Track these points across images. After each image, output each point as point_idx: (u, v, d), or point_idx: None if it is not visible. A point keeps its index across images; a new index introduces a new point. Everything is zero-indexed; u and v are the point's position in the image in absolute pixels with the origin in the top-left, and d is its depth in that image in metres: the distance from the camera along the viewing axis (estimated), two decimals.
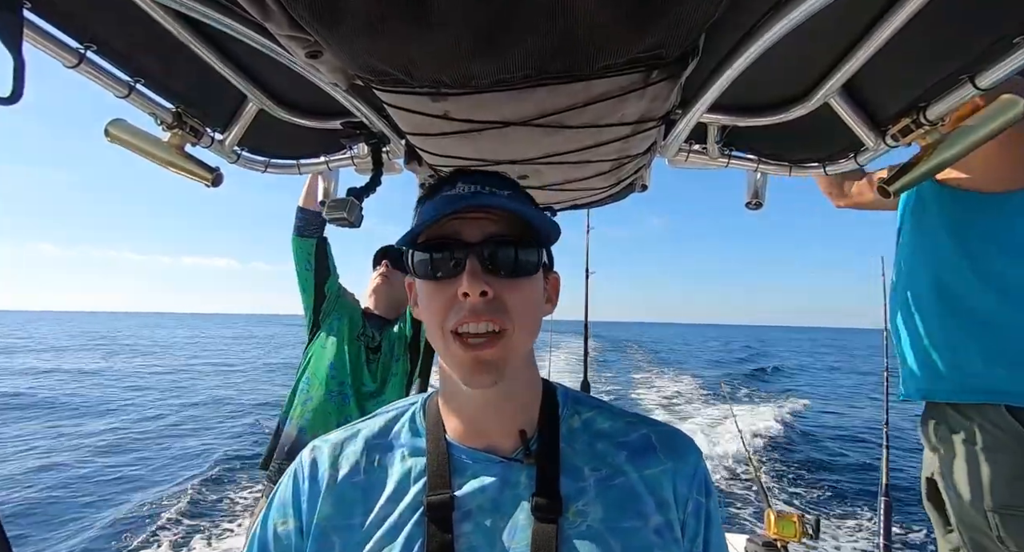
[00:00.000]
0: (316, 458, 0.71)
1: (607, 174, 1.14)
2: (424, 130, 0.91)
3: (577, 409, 0.74)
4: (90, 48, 0.93)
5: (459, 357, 0.62)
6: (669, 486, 0.66)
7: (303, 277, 2.34)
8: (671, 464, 0.68)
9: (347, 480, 0.68)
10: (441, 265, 0.63)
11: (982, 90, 0.86)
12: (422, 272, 0.65)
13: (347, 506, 0.66)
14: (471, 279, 0.60)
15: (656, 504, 0.65)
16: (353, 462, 0.70)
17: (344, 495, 0.67)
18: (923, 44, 0.86)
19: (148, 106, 1.12)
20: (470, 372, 0.62)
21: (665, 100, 0.79)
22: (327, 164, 1.52)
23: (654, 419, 0.76)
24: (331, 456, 0.71)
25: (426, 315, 0.66)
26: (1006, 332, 1.29)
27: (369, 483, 0.68)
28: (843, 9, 0.68)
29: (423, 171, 1.24)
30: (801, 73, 1.00)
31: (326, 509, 0.66)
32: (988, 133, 0.97)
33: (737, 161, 1.42)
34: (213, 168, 1.30)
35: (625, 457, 0.68)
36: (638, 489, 0.66)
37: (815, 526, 2.35)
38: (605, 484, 0.66)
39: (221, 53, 0.97)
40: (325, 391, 2.22)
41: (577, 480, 0.66)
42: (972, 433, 1.31)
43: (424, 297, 0.66)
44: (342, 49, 0.65)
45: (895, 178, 1.11)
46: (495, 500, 0.64)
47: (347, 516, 0.65)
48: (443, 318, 0.62)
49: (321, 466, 0.70)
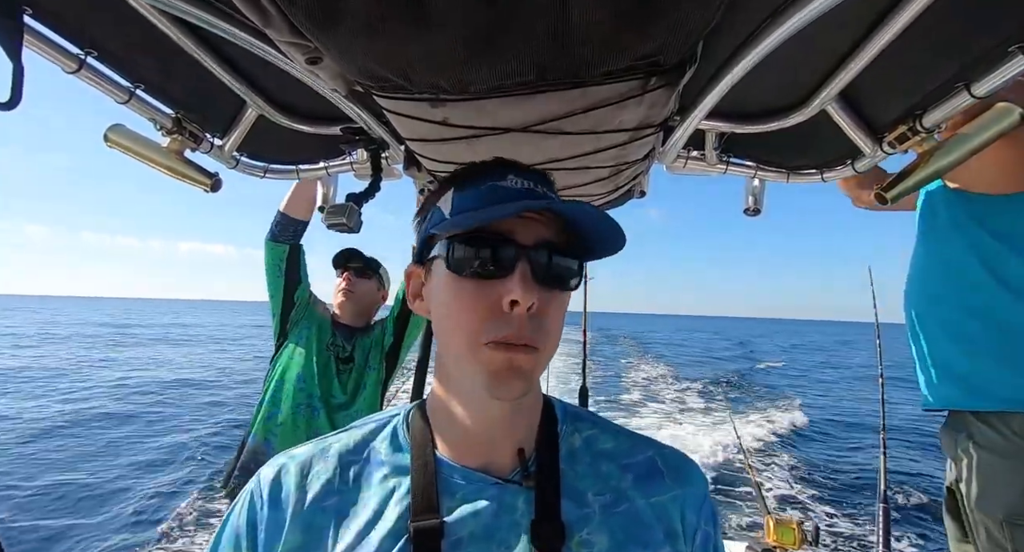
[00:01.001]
0: (280, 478, 0.61)
1: (605, 180, 1.14)
2: (423, 136, 0.91)
3: (577, 426, 0.68)
4: (90, 54, 0.93)
5: (493, 363, 0.55)
6: (677, 515, 0.62)
7: (273, 284, 2.28)
8: (679, 491, 0.64)
9: (317, 503, 0.59)
10: (487, 263, 0.56)
11: (978, 98, 0.87)
12: (459, 267, 0.57)
13: (316, 533, 0.57)
14: (525, 287, 0.54)
15: (664, 534, 0.60)
16: (324, 481, 0.61)
17: (313, 521, 0.58)
18: (919, 52, 0.86)
19: (148, 111, 1.12)
20: (504, 378, 0.55)
21: (663, 107, 0.80)
22: (326, 170, 1.52)
23: (656, 440, 0.70)
24: (298, 475, 0.61)
25: (453, 316, 0.58)
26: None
27: (343, 506, 0.59)
28: (840, 17, 0.69)
29: (422, 177, 1.24)
30: (798, 80, 1.00)
31: (293, 538, 0.57)
32: (984, 141, 0.97)
33: (735, 168, 1.43)
34: (212, 173, 1.31)
35: (631, 481, 0.63)
36: (645, 517, 0.61)
37: (814, 533, 2.34)
38: (610, 510, 0.60)
39: (221, 59, 0.97)
40: (293, 404, 2.13)
41: (580, 505, 0.60)
42: (993, 441, 1.28)
43: (451, 295, 0.58)
44: (341, 54, 0.65)
45: (891, 186, 1.11)
46: (489, 527, 0.57)
47: (316, 545, 0.57)
48: (479, 326, 0.55)
49: (286, 487, 0.60)
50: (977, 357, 1.33)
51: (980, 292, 1.34)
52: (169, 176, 1.25)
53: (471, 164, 0.67)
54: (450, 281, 0.58)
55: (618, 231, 0.59)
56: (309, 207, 2.24)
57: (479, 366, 0.56)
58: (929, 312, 1.47)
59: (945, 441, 1.45)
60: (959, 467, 1.38)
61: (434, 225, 0.62)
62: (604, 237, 0.60)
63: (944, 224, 1.43)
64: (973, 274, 1.35)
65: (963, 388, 1.36)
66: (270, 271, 2.28)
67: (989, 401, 1.30)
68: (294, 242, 2.28)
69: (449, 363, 0.62)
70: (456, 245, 0.58)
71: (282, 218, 2.23)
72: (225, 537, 0.61)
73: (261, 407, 2.18)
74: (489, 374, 0.55)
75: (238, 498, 0.63)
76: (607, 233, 0.59)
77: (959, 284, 1.38)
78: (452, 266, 0.58)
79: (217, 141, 1.30)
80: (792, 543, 2.29)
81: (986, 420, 1.31)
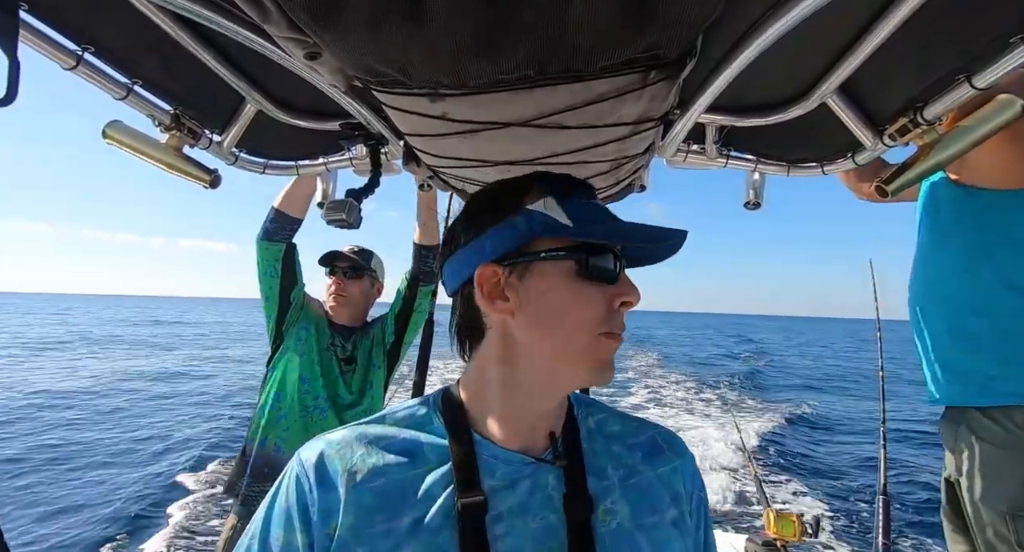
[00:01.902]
0: (324, 460, 0.64)
1: (606, 175, 1.14)
2: (422, 131, 0.91)
3: (589, 411, 0.77)
4: (88, 50, 0.93)
5: (608, 351, 0.64)
6: (679, 482, 0.72)
7: (267, 284, 2.18)
8: (679, 463, 0.74)
9: (365, 484, 0.62)
10: (605, 270, 0.65)
11: (979, 89, 0.86)
12: (591, 273, 0.64)
13: (368, 513, 0.61)
14: (634, 287, 0.66)
15: (671, 499, 0.70)
16: (371, 465, 0.64)
17: (363, 501, 0.61)
18: (920, 44, 0.86)
19: (146, 108, 1.12)
20: (609, 369, 0.65)
21: (663, 100, 0.79)
22: (325, 165, 1.52)
23: (652, 422, 0.80)
24: (341, 458, 0.64)
25: (573, 315, 0.64)
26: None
27: (389, 487, 0.63)
28: (840, 9, 0.69)
29: (422, 172, 1.24)
30: (799, 73, 1.00)
31: (348, 518, 0.60)
32: (985, 133, 0.97)
33: (735, 161, 1.42)
34: (211, 170, 1.30)
35: (640, 458, 0.72)
36: (655, 486, 0.70)
37: (815, 525, 2.35)
38: (626, 482, 0.69)
39: (219, 55, 0.97)
40: (300, 407, 2.09)
41: (602, 479, 0.68)
42: (995, 434, 1.29)
43: (578, 296, 0.64)
44: (340, 50, 0.65)
45: (892, 178, 1.11)
46: (525, 502, 0.63)
47: (369, 524, 0.60)
48: (600, 320, 0.64)
49: (332, 468, 0.64)
50: (980, 354, 1.33)
51: (983, 289, 1.33)
52: (168, 172, 1.24)
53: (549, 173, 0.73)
54: (571, 282, 0.64)
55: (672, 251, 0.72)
56: (305, 204, 2.17)
57: (595, 358, 0.64)
58: (933, 309, 1.47)
59: (945, 433, 1.45)
60: (959, 459, 1.39)
61: (550, 228, 0.64)
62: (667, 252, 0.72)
63: (947, 220, 1.43)
64: (977, 271, 1.35)
65: (967, 385, 1.36)
66: (265, 271, 2.18)
67: (992, 397, 1.31)
68: (289, 241, 2.20)
69: (545, 354, 0.65)
70: (589, 253, 0.64)
71: (277, 215, 2.15)
72: (275, 517, 0.63)
73: (264, 412, 2.11)
74: (601, 362, 0.64)
75: (281, 480, 0.66)
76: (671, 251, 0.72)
77: (962, 281, 1.38)
78: (584, 270, 0.64)
79: (216, 137, 1.30)
80: (792, 535, 2.30)
81: (988, 414, 1.32)
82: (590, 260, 0.64)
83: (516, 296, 0.65)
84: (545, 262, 0.65)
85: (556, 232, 0.64)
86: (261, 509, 0.66)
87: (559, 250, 0.65)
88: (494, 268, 0.66)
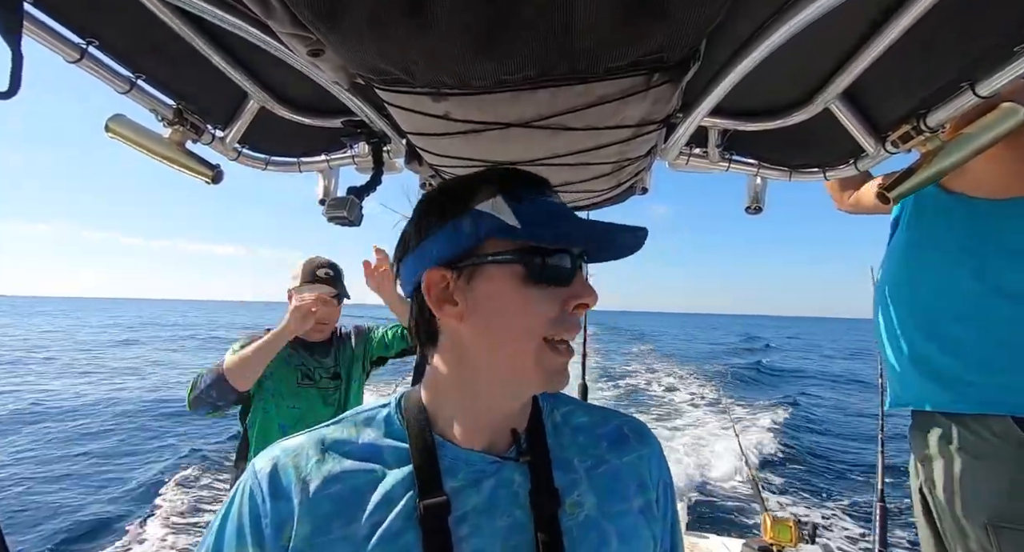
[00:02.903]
0: (276, 471, 0.62)
1: (607, 176, 1.14)
2: (425, 130, 0.91)
3: (555, 404, 0.77)
4: (92, 43, 0.93)
5: (554, 364, 0.63)
6: (645, 469, 0.73)
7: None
8: (645, 451, 0.75)
9: (321, 492, 0.60)
10: (558, 273, 0.62)
11: (983, 97, 0.86)
12: (539, 275, 0.62)
13: (325, 521, 0.59)
14: (588, 289, 0.64)
15: (637, 487, 0.70)
16: (327, 471, 0.62)
17: (319, 509, 0.60)
18: (924, 51, 0.86)
19: (149, 102, 1.12)
20: (561, 375, 0.64)
21: (666, 103, 0.79)
22: (327, 162, 1.52)
23: (619, 412, 0.81)
24: (295, 466, 0.62)
25: (521, 320, 0.61)
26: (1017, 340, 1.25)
27: (346, 493, 0.61)
28: (844, 15, 0.69)
29: (424, 171, 1.24)
30: (802, 78, 1.00)
31: (303, 528, 0.58)
32: (988, 141, 0.97)
33: (737, 165, 1.42)
34: (213, 165, 1.30)
35: (606, 447, 0.73)
36: (621, 474, 0.70)
37: (811, 531, 2.35)
38: (593, 472, 0.69)
39: (223, 50, 0.97)
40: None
41: (569, 472, 0.68)
42: (972, 444, 1.27)
43: (526, 301, 0.61)
44: (343, 47, 0.65)
45: (894, 185, 1.11)
46: (490, 499, 0.63)
47: (326, 532, 0.58)
48: (546, 326, 0.61)
49: (285, 479, 0.61)
50: (961, 361, 1.32)
51: (970, 296, 1.32)
52: (170, 167, 1.25)
53: (502, 170, 0.68)
54: (519, 286, 0.62)
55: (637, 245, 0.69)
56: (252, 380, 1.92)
57: (538, 366, 0.62)
58: (907, 312, 1.45)
59: (915, 442, 1.42)
60: (932, 470, 1.35)
61: (498, 230, 0.61)
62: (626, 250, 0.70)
63: (935, 227, 1.41)
64: (964, 278, 1.34)
65: (941, 390, 1.34)
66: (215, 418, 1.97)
67: (968, 404, 1.29)
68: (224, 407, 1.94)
69: (495, 362, 0.64)
70: (539, 256, 0.62)
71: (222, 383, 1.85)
72: (228, 533, 0.61)
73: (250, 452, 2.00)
74: (551, 372, 0.63)
75: (234, 493, 0.64)
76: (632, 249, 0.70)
77: (947, 287, 1.37)
78: (533, 274, 0.62)
79: (219, 132, 1.30)
80: (789, 541, 2.30)
81: (961, 422, 1.29)
82: (542, 262, 0.62)
83: (464, 301, 0.63)
84: (493, 265, 0.62)
85: (504, 234, 0.61)
86: (213, 523, 0.63)
87: (506, 253, 0.62)
88: (442, 272, 0.63)
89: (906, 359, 1.44)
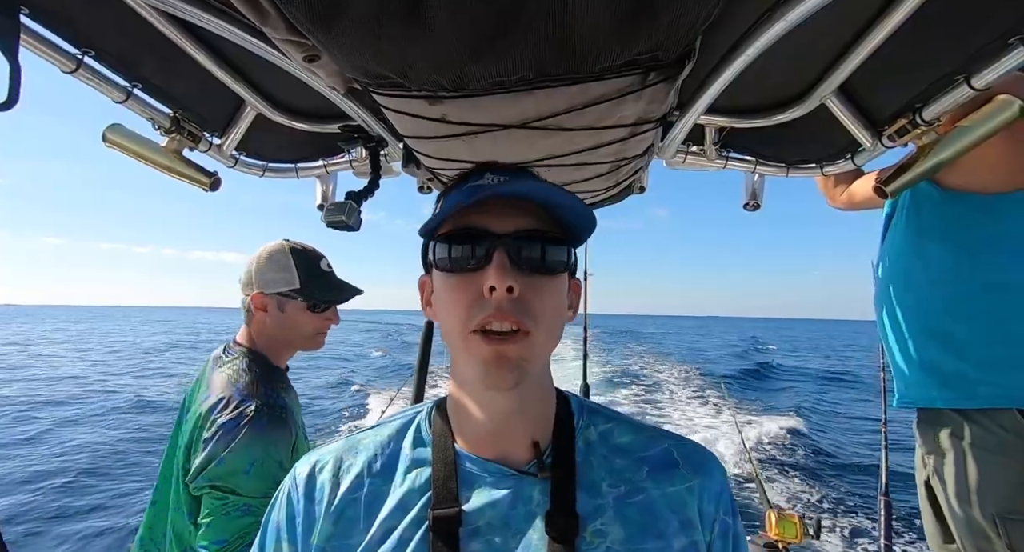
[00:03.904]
0: (314, 473, 0.65)
1: (605, 176, 1.14)
2: (421, 133, 0.91)
3: (593, 420, 0.70)
4: (88, 53, 0.93)
5: (481, 353, 0.57)
6: (694, 505, 0.63)
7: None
8: (696, 482, 0.64)
9: (348, 495, 0.63)
10: (466, 257, 0.59)
11: (978, 90, 0.86)
12: (443, 265, 0.61)
13: (348, 524, 0.61)
14: (499, 272, 0.56)
15: (680, 524, 0.61)
16: (355, 475, 0.64)
17: (344, 512, 0.62)
18: (918, 45, 0.86)
19: (146, 111, 1.12)
20: (493, 369, 0.57)
21: (662, 102, 0.80)
22: (325, 168, 1.52)
23: (675, 433, 0.71)
24: (331, 471, 0.65)
25: (445, 312, 0.61)
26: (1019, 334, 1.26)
27: (371, 498, 0.62)
28: (839, 10, 0.69)
29: (421, 174, 1.24)
30: (798, 74, 1.00)
31: (326, 529, 0.61)
32: (984, 134, 0.97)
33: (735, 162, 1.43)
34: (211, 173, 1.30)
35: (646, 473, 0.64)
36: (659, 507, 0.62)
37: (816, 527, 2.34)
38: (624, 501, 0.61)
39: (218, 58, 0.97)
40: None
41: (594, 497, 0.61)
42: (981, 438, 1.27)
43: (443, 292, 0.62)
44: (339, 53, 0.65)
45: (891, 179, 1.11)
46: (506, 516, 0.60)
47: (347, 535, 0.60)
48: (466, 315, 0.58)
49: (320, 482, 0.64)
50: (962, 357, 1.32)
51: (967, 292, 1.33)
52: (168, 175, 1.24)
53: (465, 170, 0.69)
54: (440, 280, 0.63)
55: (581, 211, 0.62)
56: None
57: (472, 357, 0.59)
58: (907, 311, 1.45)
59: (922, 436, 1.43)
60: (939, 463, 1.36)
61: (430, 228, 0.64)
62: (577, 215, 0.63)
63: (929, 223, 1.41)
64: (960, 274, 1.34)
65: (946, 388, 1.35)
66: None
67: (975, 400, 1.29)
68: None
69: (455, 360, 0.65)
70: (439, 244, 0.62)
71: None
72: (270, 531, 0.65)
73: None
74: (482, 367, 0.58)
75: (276, 495, 0.67)
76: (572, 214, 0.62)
77: (943, 284, 1.37)
78: (439, 265, 0.62)
79: (216, 140, 1.30)
80: (794, 537, 2.29)
81: (969, 417, 1.30)
82: (438, 251, 0.62)
83: (434, 302, 0.67)
84: (434, 265, 0.64)
85: (422, 231, 0.64)
86: (262, 524, 0.67)
87: (427, 244, 0.64)
88: (425, 278, 0.69)
89: (909, 358, 1.44)
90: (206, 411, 1.23)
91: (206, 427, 1.21)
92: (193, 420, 1.25)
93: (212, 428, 1.19)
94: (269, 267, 1.41)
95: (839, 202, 1.78)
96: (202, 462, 1.16)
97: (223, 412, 1.21)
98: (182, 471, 1.24)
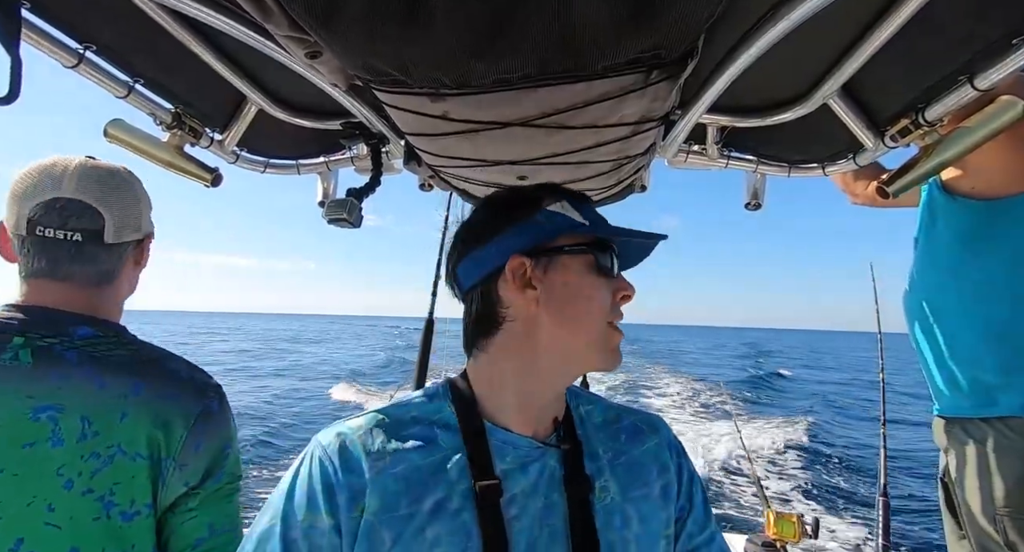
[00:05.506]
0: (345, 446, 0.66)
1: (607, 175, 1.14)
2: (423, 130, 0.90)
3: (579, 400, 0.83)
4: (89, 48, 0.93)
5: (615, 341, 0.72)
6: (664, 454, 0.80)
7: None
8: (658, 439, 0.82)
9: (388, 470, 0.65)
10: (612, 267, 0.74)
11: (981, 91, 0.86)
12: (603, 268, 0.72)
13: (393, 498, 0.63)
14: (630, 283, 0.75)
15: (658, 470, 0.78)
16: (391, 451, 0.66)
17: (387, 486, 0.64)
18: (922, 45, 0.86)
19: (147, 106, 1.12)
20: (618, 355, 0.73)
21: (665, 101, 0.79)
22: (326, 164, 1.52)
23: (633, 409, 0.88)
24: (363, 444, 0.66)
25: (587, 304, 0.71)
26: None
27: (410, 473, 0.65)
28: (842, 10, 0.68)
29: (423, 171, 1.24)
30: (800, 74, 1.00)
31: (374, 502, 0.63)
32: (987, 134, 0.97)
33: (736, 162, 1.42)
34: (212, 168, 1.30)
35: (624, 439, 0.80)
36: (641, 462, 0.78)
37: (814, 526, 2.34)
38: (615, 463, 0.76)
39: (220, 53, 0.97)
40: None
41: (596, 461, 0.74)
42: (990, 439, 1.31)
43: (595, 288, 0.72)
44: (341, 49, 0.65)
45: (893, 179, 1.11)
46: (535, 483, 0.69)
47: (395, 508, 0.63)
48: (607, 310, 0.72)
49: (355, 454, 0.65)
50: (978, 366, 1.35)
51: (984, 303, 1.34)
52: (169, 171, 1.25)
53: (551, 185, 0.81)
54: (587, 275, 0.72)
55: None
56: None
57: (605, 343, 0.72)
58: (929, 321, 1.47)
59: (938, 435, 1.47)
60: (952, 461, 1.41)
61: (570, 226, 0.72)
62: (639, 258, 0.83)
63: (941, 231, 1.43)
64: (969, 282, 1.35)
65: (966, 398, 1.38)
66: None
67: (993, 408, 1.33)
68: None
69: (568, 342, 0.72)
70: (600, 253, 0.73)
71: None
72: (298, 499, 0.64)
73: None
74: (611, 351, 0.72)
75: (300, 462, 0.67)
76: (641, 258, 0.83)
77: (955, 292, 1.39)
78: (599, 263, 0.72)
79: (217, 136, 1.30)
80: (792, 536, 2.29)
81: (988, 421, 1.34)
82: (605, 253, 0.73)
83: (541, 286, 0.70)
84: (566, 256, 0.72)
85: (574, 230, 0.72)
86: (279, 491, 0.66)
87: (579, 245, 0.72)
88: (521, 260, 0.70)
89: (933, 368, 1.48)
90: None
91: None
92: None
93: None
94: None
95: (863, 198, 1.77)
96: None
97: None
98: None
